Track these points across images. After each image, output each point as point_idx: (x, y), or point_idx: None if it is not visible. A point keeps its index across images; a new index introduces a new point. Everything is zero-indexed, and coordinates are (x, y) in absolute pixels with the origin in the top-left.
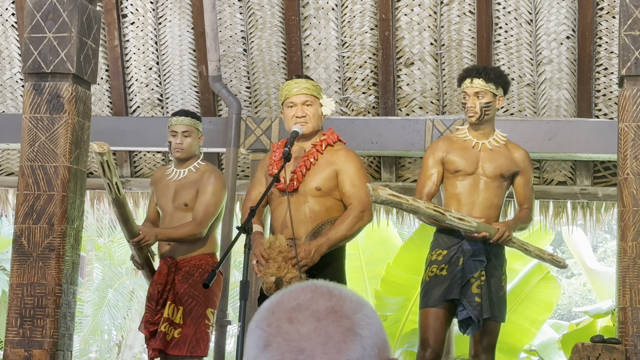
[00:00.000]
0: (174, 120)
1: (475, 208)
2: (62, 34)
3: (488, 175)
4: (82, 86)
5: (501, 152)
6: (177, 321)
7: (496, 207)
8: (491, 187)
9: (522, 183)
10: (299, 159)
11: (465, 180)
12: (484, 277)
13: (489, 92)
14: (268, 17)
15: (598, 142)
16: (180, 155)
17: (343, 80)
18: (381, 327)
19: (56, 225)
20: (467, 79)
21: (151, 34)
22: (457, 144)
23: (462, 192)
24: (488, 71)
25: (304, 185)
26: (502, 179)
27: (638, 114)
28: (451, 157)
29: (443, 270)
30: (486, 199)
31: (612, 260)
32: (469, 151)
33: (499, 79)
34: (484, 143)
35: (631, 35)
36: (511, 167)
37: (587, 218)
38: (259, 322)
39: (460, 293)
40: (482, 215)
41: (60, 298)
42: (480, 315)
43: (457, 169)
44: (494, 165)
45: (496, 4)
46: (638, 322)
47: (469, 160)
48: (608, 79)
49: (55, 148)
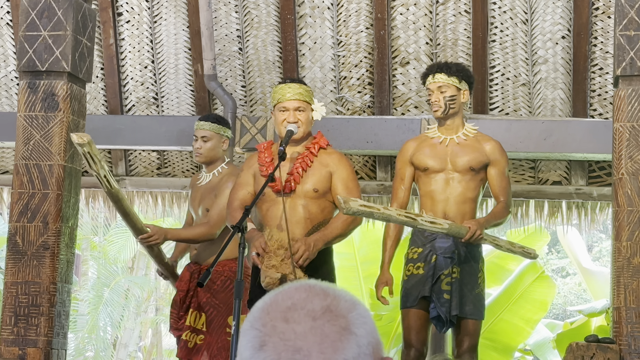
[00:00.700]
0: (196, 125)
1: (450, 204)
2: (57, 32)
3: (458, 169)
4: (77, 84)
5: (470, 145)
6: (199, 328)
7: (471, 201)
8: (463, 182)
9: (495, 174)
10: (292, 160)
11: (437, 177)
12: (456, 274)
13: (452, 86)
14: (264, 16)
15: (593, 142)
16: (199, 159)
17: (338, 79)
18: (374, 326)
19: (51, 223)
20: (429, 75)
21: (146, 32)
22: (425, 142)
23: (435, 189)
24: (450, 66)
25: (301, 187)
26: (473, 172)
27: (633, 114)
28: (419, 156)
29: (419, 268)
30: (459, 194)
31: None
32: (437, 148)
33: (461, 73)
34: (452, 138)
35: (626, 36)
36: (480, 158)
37: (582, 218)
38: (253, 322)
39: (431, 290)
40: (457, 211)
41: (54, 296)
42: (448, 312)
43: (426, 167)
44: (463, 159)
45: (492, 4)
46: (632, 321)
47: (437, 157)
48: (603, 79)
49: (50, 146)
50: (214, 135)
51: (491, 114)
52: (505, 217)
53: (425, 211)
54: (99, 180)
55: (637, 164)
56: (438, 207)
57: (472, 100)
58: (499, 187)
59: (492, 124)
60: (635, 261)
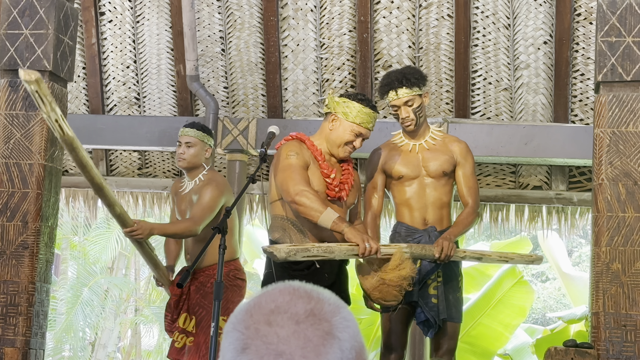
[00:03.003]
0: (181, 131)
1: (428, 211)
2: (39, 30)
3: (431, 175)
4: (59, 84)
5: (438, 149)
6: (189, 330)
7: (447, 205)
8: (438, 187)
9: (462, 175)
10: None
11: (412, 184)
12: (441, 278)
13: (416, 96)
14: (247, 18)
15: (574, 147)
16: (182, 164)
17: (321, 81)
18: (358, 330)
19: (30, 223)
20: (390, 91)
21: (129, 32)
22: (395, 150)
23: (411, 197)
24: (407, 76)
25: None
26: (446, 177)
27: (614, 120)
28: (392, 165)
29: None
30: (436, 200)
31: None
32: (409, 155)
33: (418, 80)
34: (420, 144)
35: (607, 42)
36: (451, 161)
37: (562, 223)
38: (236, 324)
39: (418, 295)
40: (435, 216)
41: (33, 296)
42: (437, 316)
43: (401, 175)
44: (435, 164)
45: (474, 8)
46: (610, 327)
47: (411, 165)
48: (584, 84)
49: (31, 145)
50: (198, 142)
51: (473, 118)
52: (473, 222)
53: (403, 220)
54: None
55: (617, 170)
56: (416, 215)
57: (454, 105)
58: (467, 188)
59: (473, 128)
60: (614, 267)
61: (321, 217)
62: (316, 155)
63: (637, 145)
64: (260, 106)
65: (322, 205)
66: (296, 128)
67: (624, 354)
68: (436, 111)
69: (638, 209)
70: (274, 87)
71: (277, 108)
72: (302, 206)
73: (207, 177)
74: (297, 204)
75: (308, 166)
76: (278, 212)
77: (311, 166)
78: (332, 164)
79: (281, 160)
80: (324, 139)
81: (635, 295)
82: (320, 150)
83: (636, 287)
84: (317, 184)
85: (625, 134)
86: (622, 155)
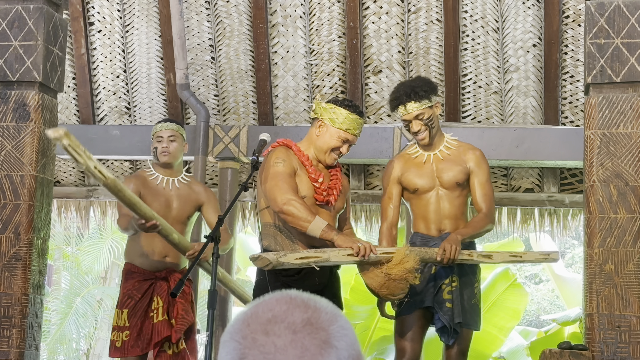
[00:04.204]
0: (159, 127)
1: (445, 223)
2: (28, 42)
3: (446, 187)
4: (49, 94)
5: (452, 160)
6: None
7: (462, 216)
8: (452, 198)
9: (476, 183)
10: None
11: (427, 196)
12: (455, 282)
13: (426, 108)
14: (236, 25)
15: (565, 149)
16: (168, 159)
17: (311, 88)
18: (355, 338)
19: (22, 234)
20: (399, 106)
21: (118, 42)
22: (410, 162)
23: (428, 209)
24: (415, 90)
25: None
26: (461, 187)
27: (604, 121)
28: (408, 177)
29: (416, 279)
30: (452, 211)
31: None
32: (423, 167)
33: (427, 91)
34: (435, 154)
35: (596, 43)
36: (464, 171)
37: (554, 225)
38: (233, 334)
39: (433, 301)
40: (453, 228)
41: (26, 308)
42: (451, 320)
43: (416, 188)
44: (449, 176)
45: (463, 12)
46: (604, 328)
47: (426, 177)
48: (574, 86)
49: (22, 157)
50: (179, 136)
51: (464, 121)
52: (485, 227)
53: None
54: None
55: (608, 171)
56: (432, 226)
57: (445, 109)
58: (481, 195)
59: (464, 132)
60: (607, 268)
61: (310, 227)
62: (303, 160)
63: (628, 146)
64: (251, 113)
65: (310, 214)
66: (287, 135)
67: (619, 355)
68: None
69: (630, 210)
70: (265, 94)
71: (268, 115)
72: (290, 216)
73: (196, 182)
74: (285, 214)
75: (295, 172)
76: (268, 220)
77: (299, 172)
78: (319, 169)
79: (267, 168)
80: (311, 145)
81: (628, 296)
82: (307, 156)
83: (629, 288)
84: (305, 189)
85: (616, 135)
86: (613, 156)
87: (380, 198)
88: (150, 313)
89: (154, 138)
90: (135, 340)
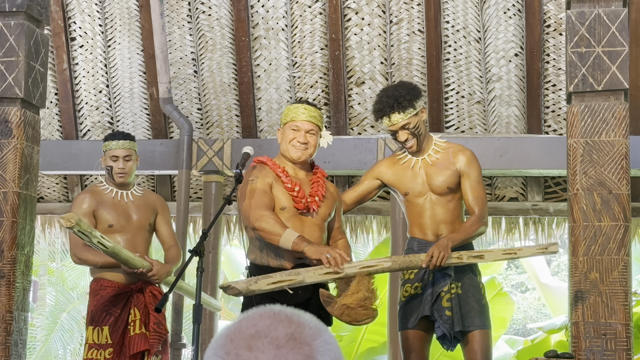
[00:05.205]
0: (114, 145)
1: (440, 228)
2: (9, 58)
3: (437, 192)
4: (31, 110)
5: (442, 164)
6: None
7: (458, 219)
8: (445, 202)
9: (467, 185)
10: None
11: (419, 202)
12: (455, 289)
13: (412, 117)
14: (218, 39)
15: (548, 158)
16: (125, 179)
17: (294, 100)
18: (340, 353)
19: (6, 251)
20: (383, 117)
21: (100, 56)
22: (398, 165)
23: (421, 215)
24: (399, 100)
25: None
26: (452, 192)
27: (586, 130)
28: (396, 180)
29: (417, 288)
30: (447, 216)
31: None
32: (411, 172)
33: (411, 99)
34: (423, 159)
35: (578, 52)
36: (455, 176)
37: (539, 233)
38: (216, 350)
39: (432, 309)
40: (450, 232)
41: (11, 325)
42: (451, 329)
43: (406, 192)
44: (439, 181)
45: (445, 23)
46: (590, 336)
47: (414, 182)
48: (556, 95)
49: (4, 173)
50: (134, 153)
51: (447, 132)
52: (477, 229)
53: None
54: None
55: (591, 179)
56: (429, 232)
57: (429, 119)
58: (472, 197)
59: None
60: (592, 276)
61: (281, 240)
62: (278, 172)
63: (611, 154)
64: (235, 126)
65: (282, 227)
66: (271, 147)
67: None
68: None
69: (614, 218)
70: (248, 107)
71: (252, 128)
72: (262, 231)
73: (148, 191)
74: (259, 230)
75: (271, 185)
76: (252, 234)
77: (274, 184)
78: (298, 178)
79: (242, 187)
80: (281, 154)
81: (614, 304)
82: (282, 168)
83: (615, 296)
84: (284, 200)
85: (599, 144)
86: (596, 164)
87: (364, 209)
88: (128, 326)
89: (106, 154)
90: (118, 356)
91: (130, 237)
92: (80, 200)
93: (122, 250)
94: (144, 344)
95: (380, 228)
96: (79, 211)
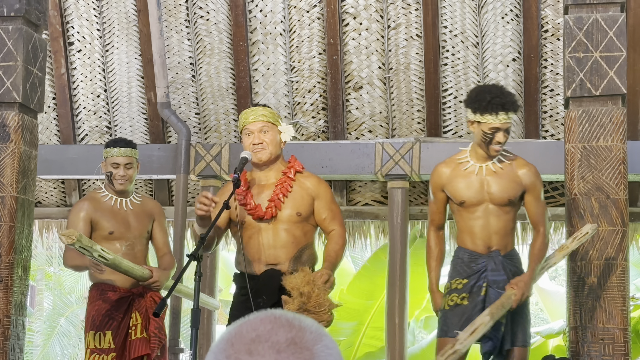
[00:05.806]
0: (116, 152)
1: (492, 240)
2: (8, 62)
3: (496, 202)
4: (29, 115)
5: (506, 174)
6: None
7: (511, 231)
8: (502, 214)
9: (531, 201)
10: (268, 186)
11: (475, 211)
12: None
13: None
14: (216, 43)
15: (546, 162)
16: (125, 187)
17: (292, 105)
18: (341, 357)
19: (4, 256)
20: (500, 112)
21: (98, 61)
22: (457, 170)
23: (475, 225)
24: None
25: (282, 212)
26: (512, 204)
27: (584, 135)
28: (454, 187)
29: (464, 299)
30: (501, 228)
31: (563, 279)
32: (472, 178)
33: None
34: (487, 166)
35: (575, 57)
36: (518, 189)
37: None
38: (217, 354)
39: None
40: (499, 246)
41: (8, 330)
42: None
43: (462, 200)
44: (500, 191)
45: (443, 28)
46: (588, 341)
47: (473, 189)
48: (554, 100)
49: (2, 178)
50: (134, 160)
51: (445, 136)
52: (546, 249)
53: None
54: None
55: (589, 184)
56: (480, 242)
57: (426, 124)
58: (537, 214)
59: (445, 147)
60: (590, 281)
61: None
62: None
63: (608, 159)
64: (232, 131)
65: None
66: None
67: None
68: (408, 131)
69: (611, 223)
70: None
71: None
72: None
73: (146, 198)
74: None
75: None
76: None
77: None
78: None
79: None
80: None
81: (612, 309)
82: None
83: (612, 301)
84: (244, 214)
85: (596, 149)
86: (594, 169)
87: (362, 214)
88: (129, 330)
89: (107, 161)
90: None
91: (129, 244)
92: (78, 208)
93: (122, 262)
94: (145, 348)
95: (378, 233)
96: (77, 219)
